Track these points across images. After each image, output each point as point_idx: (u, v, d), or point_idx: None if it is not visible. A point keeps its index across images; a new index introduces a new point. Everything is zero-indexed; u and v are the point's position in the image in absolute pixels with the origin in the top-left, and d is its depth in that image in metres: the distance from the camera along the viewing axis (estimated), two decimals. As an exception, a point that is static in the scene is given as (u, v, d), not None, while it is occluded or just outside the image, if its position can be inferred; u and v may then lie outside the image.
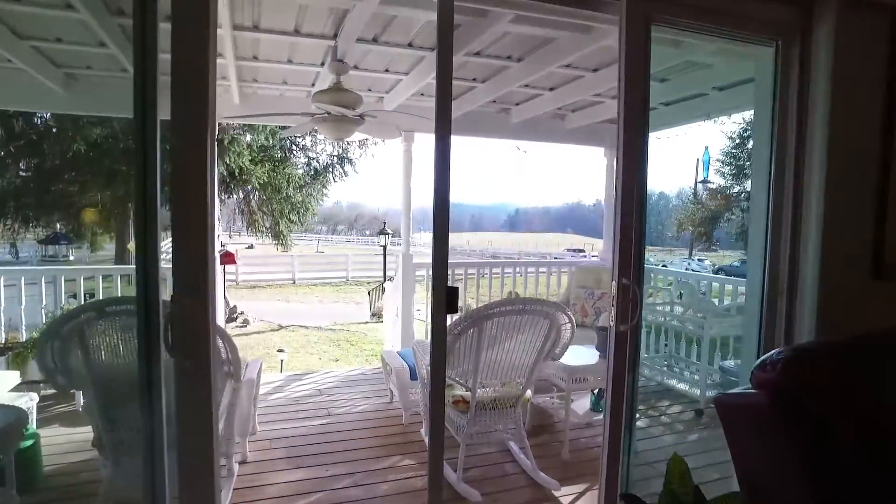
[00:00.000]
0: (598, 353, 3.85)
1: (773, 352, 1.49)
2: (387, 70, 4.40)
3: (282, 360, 7.58)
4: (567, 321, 3.07)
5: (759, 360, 1.51)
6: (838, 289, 2.23)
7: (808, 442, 1.43)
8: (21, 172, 11.50)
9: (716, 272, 26.82)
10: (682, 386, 4.71)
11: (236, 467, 3.25)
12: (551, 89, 4.97)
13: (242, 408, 3.41)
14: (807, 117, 2.25)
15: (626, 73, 2.07)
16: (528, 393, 3.34)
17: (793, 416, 1.39)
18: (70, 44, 3.64)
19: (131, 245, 21.72)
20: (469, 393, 3.14)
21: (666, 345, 5.31)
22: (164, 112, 1.60)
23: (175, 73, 1.50)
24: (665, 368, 5.15)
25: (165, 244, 1.56)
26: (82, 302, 4.75)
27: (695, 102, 5.10)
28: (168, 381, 1.58)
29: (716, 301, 5.35)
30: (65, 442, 3.60)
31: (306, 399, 4.63)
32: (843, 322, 2.23)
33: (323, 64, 4.14)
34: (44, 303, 4.64)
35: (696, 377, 4.82)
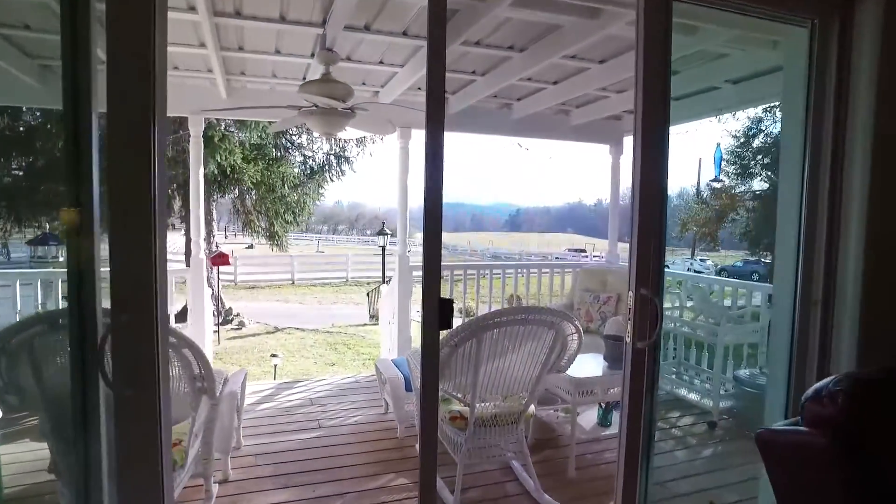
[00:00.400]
0: (605, 363, 3.60)
1: (827, 381, 1.25)
2: (381, 62, 4.16)
3: (275, 366, 7.34)
4: (574, 331, 2.83)
5: (813, 390, 1.27)
6: (883, 298, 1.98)
7: (872, 489, 1.18)
8: (14, 171, 11.25)
9: (718, 272, 26.53)
10: (693, 396, 4.46)
11: (215, 488, 3.01)
12: (555, 83, 4.73)
13: (223, 423, 3.16)
14: (847, 108, 2.00)
15: (645, 56, 1.82)
16: (532, 408, 3.10)
17: (857, 460, 1.15)
18: (39, 31, 3.40)
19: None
20: (467, 408, 2.90)
21: (675, 349, 5.07)
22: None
23: (112, 58, 1.26)
24: (673, 376, 4.90)
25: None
26: (60, 306, 4.51)
27: (706, 97, 4.85)
28: (111, 406, 1.34)
29: (720, 302, 5.10)
30: (34, 459, 3.34)
31: (296, 409, 4.39)
32: (888, 336, 1.99)
33: (313, 55, 3.90)
34: (18, 307, 4.39)
35: (708, 386, 4.58)
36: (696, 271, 26.64)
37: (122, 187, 1.25)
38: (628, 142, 6.23)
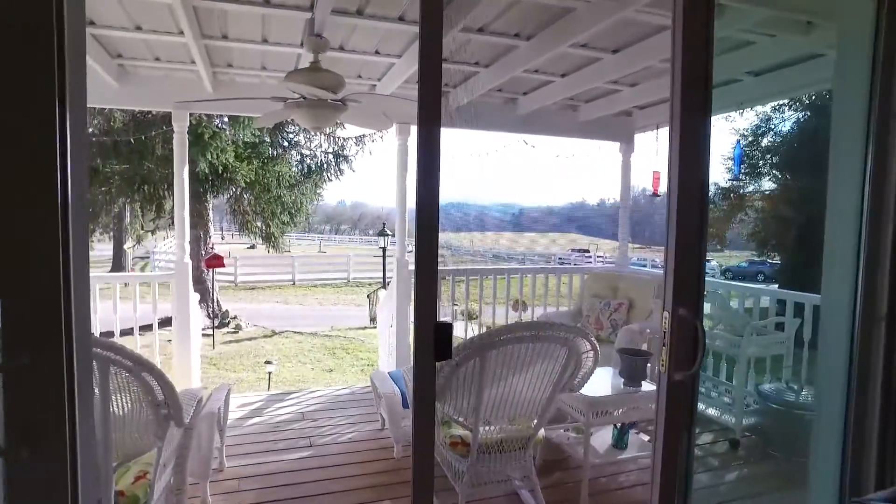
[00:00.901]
0: (620, 379, 3.29)
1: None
2: (377, 52, 3.86)
3: (269, 373, 7.03)
4: (590, 349, 2.52)
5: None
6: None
7: None
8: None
9: (722, 273, 26.11)
10: (711, 411, 4.15)
11: (190, 520, 2.72)
12: (563, 76, 4.43)
13: (201, 447, 2.87)
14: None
15: (685, 26, 1.52)
16: (542, 432, 2.79)
17: None
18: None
19: (128, 246, 21.21)
20: (469, 432, 2.60)
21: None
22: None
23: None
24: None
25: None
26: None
27: (725, 90, 4.54)
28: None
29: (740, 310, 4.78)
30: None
31: (287, 425, 4.09)
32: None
33: (303, 44, 3.60)
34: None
35: (727, 400, 4.28)
36: (701, 272, 26.23)
37: (11, 189, 0.95)
38: (640, 139, 5.94)
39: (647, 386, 3.24)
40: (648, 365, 3.29)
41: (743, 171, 16.48)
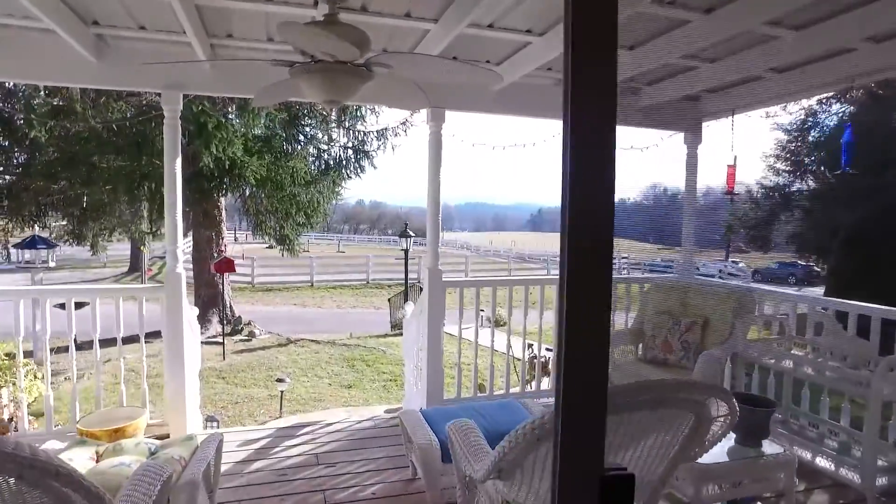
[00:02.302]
0: (732, 435, 2.49)
1: None
2: (408, 14, 3.12)
3: (281, 392, 6.30)
4: (726, 413, 1.73)
5: None
6: None
7: None
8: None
9: (752, 275, 24.83)
10: (823, 462, 3.31)
11: None
12: (631, 48, 3.64)
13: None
14: None
15: None
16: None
17: None
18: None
19: (144, 247, 20.75)
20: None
21: (779, 392, 3.95)
22: None
23: None
24: (780, 428, 3.72)
25: None
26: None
27: (830, 63, 3.70)
28: None
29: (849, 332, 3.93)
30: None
31: (296, 472, 3.36)
32: None
33: (317, 3, 2.87)
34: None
35: (832, 443, 3.47)
36: (730, 274, 24.97)
37: None
38: (709, 128, 5.12)
39: (770, 447, 2.44)
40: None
41: (786, 168, 15.33)
